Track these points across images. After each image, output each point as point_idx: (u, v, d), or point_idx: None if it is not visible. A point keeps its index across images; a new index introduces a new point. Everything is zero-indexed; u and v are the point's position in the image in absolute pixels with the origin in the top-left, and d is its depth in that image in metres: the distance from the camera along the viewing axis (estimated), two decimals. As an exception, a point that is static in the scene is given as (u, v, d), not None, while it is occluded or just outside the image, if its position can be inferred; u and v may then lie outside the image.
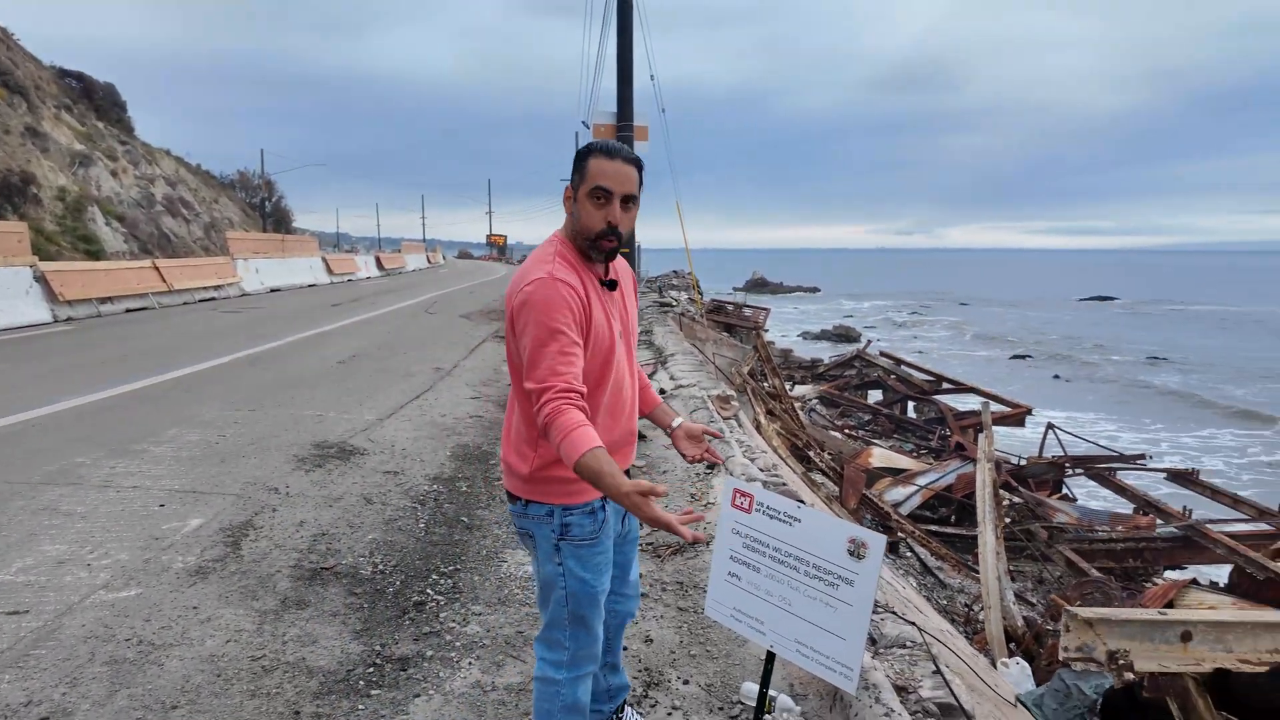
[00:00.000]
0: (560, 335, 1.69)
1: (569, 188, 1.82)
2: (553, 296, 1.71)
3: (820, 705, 2.47)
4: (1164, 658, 2.56)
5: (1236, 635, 2.62)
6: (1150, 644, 2.58)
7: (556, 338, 1.68)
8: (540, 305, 1.71)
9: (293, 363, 9.10)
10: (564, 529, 1.86)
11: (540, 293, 1.72)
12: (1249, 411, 19.98)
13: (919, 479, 10.14)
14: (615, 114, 13.50)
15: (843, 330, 34.00)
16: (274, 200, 44.66)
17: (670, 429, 2.09)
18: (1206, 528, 8.31)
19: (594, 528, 1.88)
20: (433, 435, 5.98)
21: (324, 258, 28.08)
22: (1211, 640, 2.61)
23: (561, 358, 1.68)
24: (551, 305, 1.70)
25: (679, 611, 3.17)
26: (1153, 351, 31.39)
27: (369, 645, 2.86)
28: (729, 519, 2.29)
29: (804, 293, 68.85)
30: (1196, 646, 2.60)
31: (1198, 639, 2.60)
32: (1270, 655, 2.63)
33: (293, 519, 4.10)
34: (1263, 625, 2.64)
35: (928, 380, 16.54)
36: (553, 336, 1.68)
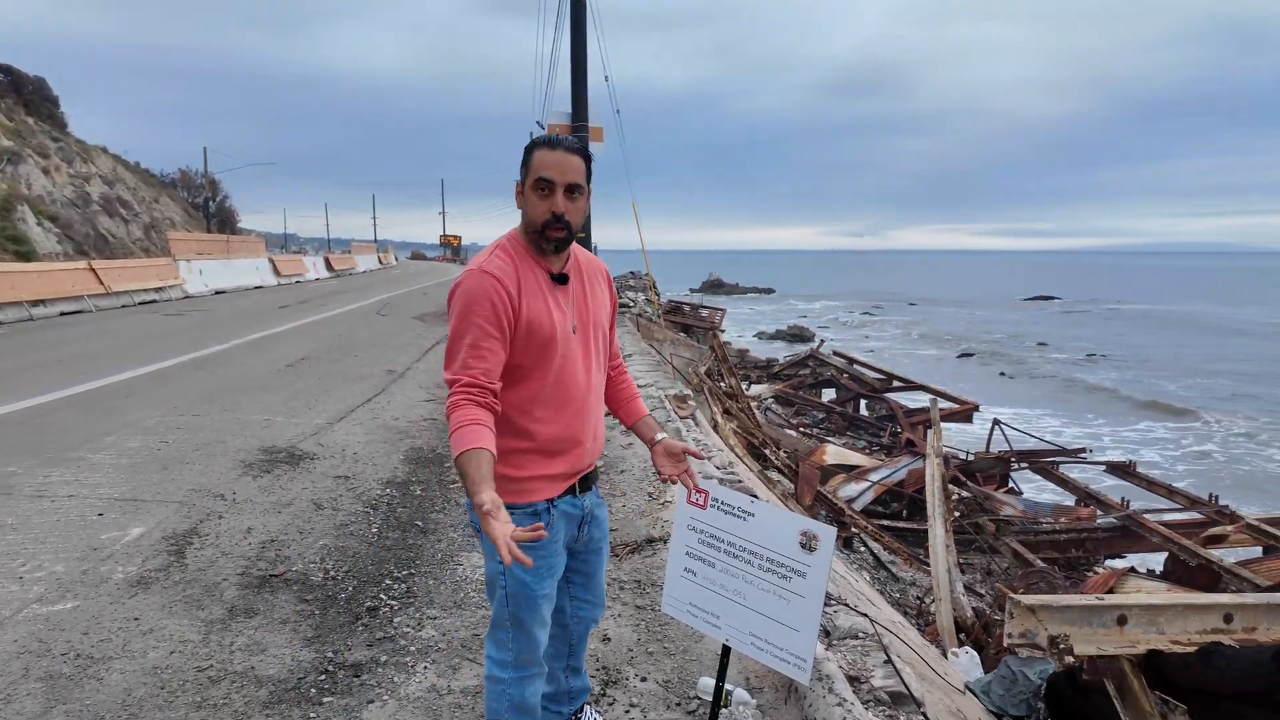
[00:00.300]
0: (474, 329, 1.70)
1: (518, 183, 1.82)
2: (475, 289, 1.72)
3: (776, 698, 2.51)
4: (1101, 641, 2.67)
5: (1168, 617, 2.74)
6: (1089, 628, 2.68)
7: (470, 331, 1.70)
8: (462, 297, 1.73)
9: (239, 366, 8.86)
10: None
11: (464, 284, 1.75)
12: (1180, 406, 20.90)
13: (872, 475, 10.35)
14: (570, 114, 13.45)
15: (797, 330, 34.50)
16: (218, 200, 43.36)
17: (651, 444, 2.06)
18: (1143, 518, 8.67)
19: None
20: (385, 439, 5.89)
21: (271, 259, 27.39)
22: (1145, 623, 2.72)
23: (472, 351, 1.70)
24: (472, 298, 1.72)
25: (637, 610, 3.18)
26: (1091, 349, 32.60)
27: (321, 652, 2.81)
28: (684, 515, 2.31)
29: (759, 294, 69.64)
30: (1131, 629, 2.71)
31: (1132, 622, 2.71)
32: (1199, 635, 2.75)
33: (240, 526, 3.99)
34: (1191, 607, 2.77)
35: (879, 379, 16.89)
36: (467, 330, 1.71)
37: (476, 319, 1.71)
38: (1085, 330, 40.80)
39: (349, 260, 38.24)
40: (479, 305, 1.71)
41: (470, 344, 1.70)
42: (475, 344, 1.70)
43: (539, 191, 1.75)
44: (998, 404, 18.27)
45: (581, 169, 1.78)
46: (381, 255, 50.66)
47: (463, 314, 1.72)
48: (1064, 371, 27.15)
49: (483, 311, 1.71)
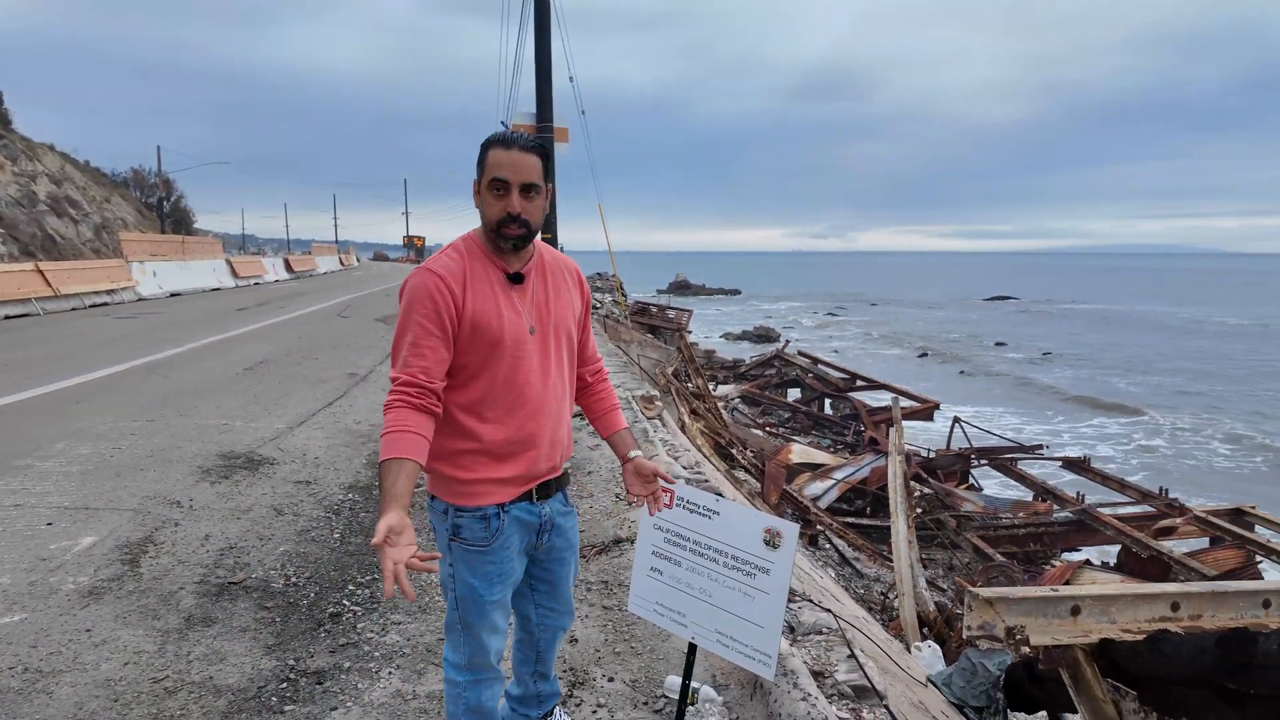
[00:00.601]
0: (415, 326, 1.70)
1: (475, 182, 1.79)
2: (417, 287, 1.72)
3: (741, 694, 2.53)
4: (1056, 631, 2.74)
5: (1119, 607, 2.83)
6: (1044, 619, 2.75)
7: (411, 329, 1.70)
8: (405, 296, 1.73)
9: (195, 370, 8.64)
10: (455, 529, 1.81)
11: (409, 283, 1.74)
12: (1131, 404, 21.57)
13: (836, 473, 10.49)
14: (535, 114, 13.40)
15: (763, 331, 34.83)
16: (173, 200, 42.27)
17: (624, 460, 2.04)
18: (1098, 511, 8.93)
19: (485, 534, 1.80)
20: (347, 443, 5.80)
21: (228, 260, 26.79)
22: (1097, 613, 2.80)
23: (413, 350, 1.69)
24: (414, 297, 1.71)
25: (604, 610, 3.18)
26: (1047, 348, 33.46)
27: (282, 660, 2.75)
28: (650, 515, 2.32)
29: (725, 295, 70.10)
30: (1084, 619, 2.79)
31: (1085, 612, 2.79)
32: (1148, 624, 2.85)
33: (197, 533, 3.89)
34: (1141, 597, 2.86)
35: (843, 378, 17.13)
36: (408, 328, 1.70)
37: (416, 316, 1.70)
38: (1041, 329, 41.86)
39: (309, 261, 37.55)
40: (420, 303, 1.70)
41: (411, 342, 1.69)
42: (415, 342, 1.69)
43: (494, 191, 1.73)
44: (958, 402, 18.65)
45: (538, 167, 1.75)
46: (343, 256, 49.86)
47: (405, 312, 1.72)
48: (1021, 370, 27.83)
49: (423, 309, 1.70)
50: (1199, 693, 2.35)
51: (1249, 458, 16.00)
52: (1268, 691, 2.10)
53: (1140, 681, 2.63)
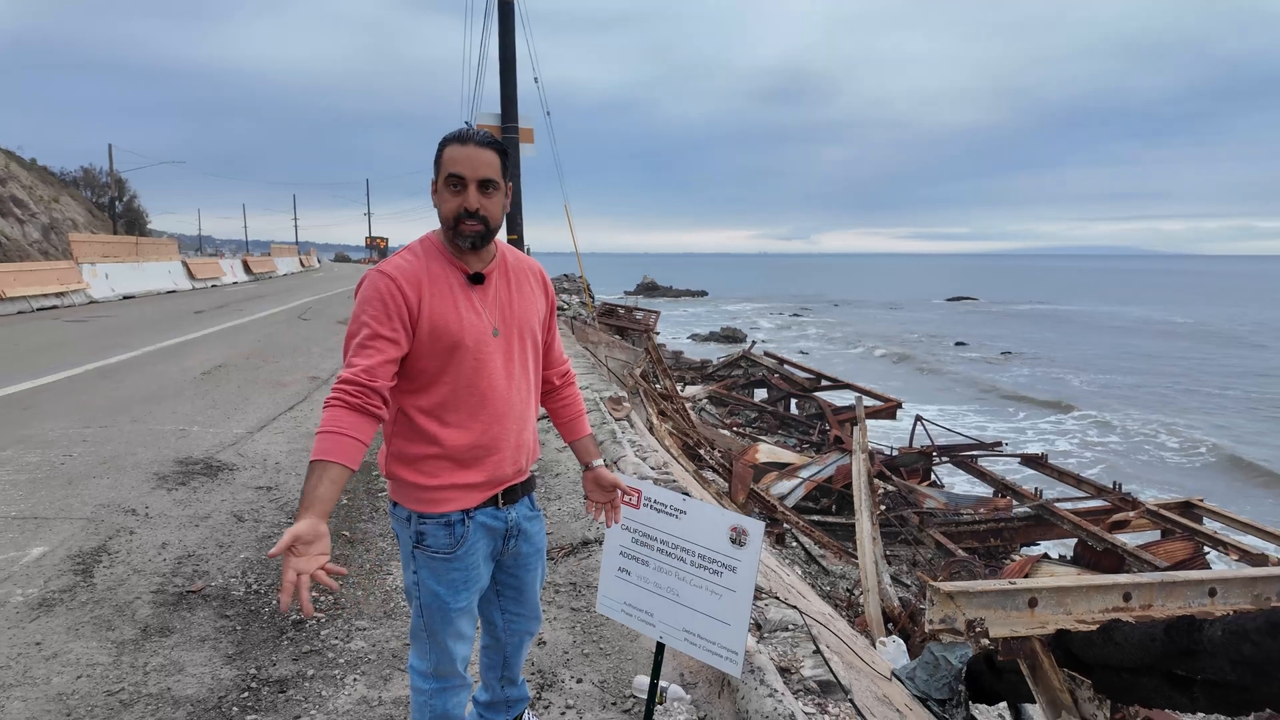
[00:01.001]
0: (363, 327, 1.67)
1: (433, 181, 1.76)
2: (368, 289, 1.69)
3: (710, 691, 2.55)
4: (1014, 623, 2.81)
5: (1074, 598, 2.91)
6: (1003, 611, 2.82)
7: (360, 330, 1.67)
8: (359, 296, 1.71)
9: (150, 374, 8.41)
10: (419, 537, 1.77)
11: (364, 283, 1.71)
12: (1085, 400, 22.19)
13: (802, 472, 10.60)
14: (499, 115, 13.32)
15: (729, 332, 35.05)
16: (125, 200, 41.12)
17: (586, 468, 2.06)
18: (1055, 506, 9.16)
19: (450, 541, 1.77)
20: (309, 448, 5.65)
21: (184, 261, 26.11)
22: (1054, 604, 2.88)
23: (359, 350, 1.65)
24: (365, 297, 1.69)
25: (572, 612, 3.18)
26: (1005, 347, 34.25)
27: (243, 669, 2.70)
28: (608, 526, 2.33)
29: (692, 296, 70.40)
30: (1041, 611, 2.87)
31: (1042, 604, 2.87)
32: (1101, 614, 2.94)
33: (154, 541, 3.79)
34: (1094, 588, 2.95)
35: (808, 378, 17.32)
36: (358, 329, 1.67)
37: (365, 317, 1.67)
38: (999, 329, 42.82)
39: (269, 263, 36.78)
40: (369, 303, 1.68)
41: (358, 343, 1.66)
42: (362, 343, 1.65)
43: (451, 188, 1.70)
44: (920, 401, 19.00)
45: (495, 163, 1.72)
46: (304, 258, 48.95)
47: (355, 313, 1.70)
48: (981, 369, 28.44)
49: (371, 310, 1.67)
50: (1149, 679, 2.43)
51: (1195, 451, 16.57)
52: (1212, 676, 2.19)
53: (1094, 670, 2.72)
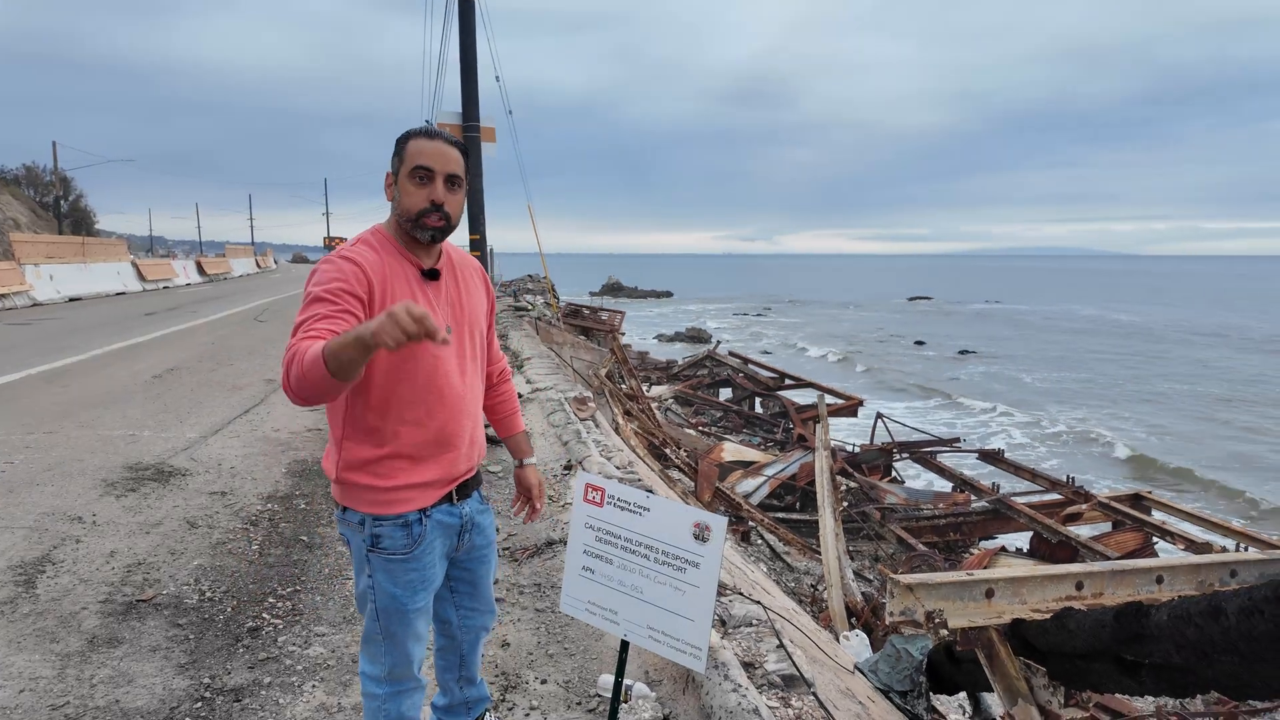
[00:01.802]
0: (323, 300, 1.54)
1: (389, 174, 1.74)
2: (326, 270, 1.61)
3: (675, 688, 2.55)
4: (972, 614, 2.87)
5: (1029, 588, 2.98)
6: (960, 602, 2.88)
7: (319, 303, 1.53)
8: (314, 277, 1.61)
9: (99, 379, 8.14)
10: (374, 540, 1.75)
11: (318, 268, 1.64)
12: (1039, 397, 22.78)
13: (766, 470, 10.69)
14: (460, 114, 13.19)
15: (695, 332, 35.19)
16: (71, 199, 39.79)
17: (519, 464, 2.15)
18: (1012, 500, 9.37)
19: (407, 542, 1.76)
20: (265, 451, 5.57)
21: (134, 262, 25.35)
22: (1010, 594, 2.95)
23: (321, 321, 1.50)
24: (323, 277, 1.59)
25: (536, 613, 3.16)
26: (963, 346, 34.99)
27: (196, 679, 2.62)
28: (581, 514, 2.32)
29: (657, 297, 70.51)
30: (998, 601, 2.93)
31: (998, 594, 2.93)
32: (1054, 603, 3.02)
33: (101, 550, 3.67)
34: (1048, 578, 3.03)
35: (772, 377, 17.47)
36: (315, 301, 1.54)
37: (323, 292, 1.54)
38: (958, 329, 43.73)
39: (223, 264, 35.89)
40: (329, 280, 1.57)
41: (318, 315, 1.51)
42: (325, 315, 1.51)
43: (416, 179, 1.68)
44: (881, 399, 19.31)
45: (461, 162, 1.73)
46: (260, 258, 47.86)
47: (310, 291, 1.57)
48: (940, 368, 29.01)
49: (334, 285, 1.56)
50: (1099, 664, 2.50)
51: (1144, 443, 17.12)
52: (1159, 660, 2.26)
53: (1049, 657, 2.79)
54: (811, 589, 7.20)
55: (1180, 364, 29.35)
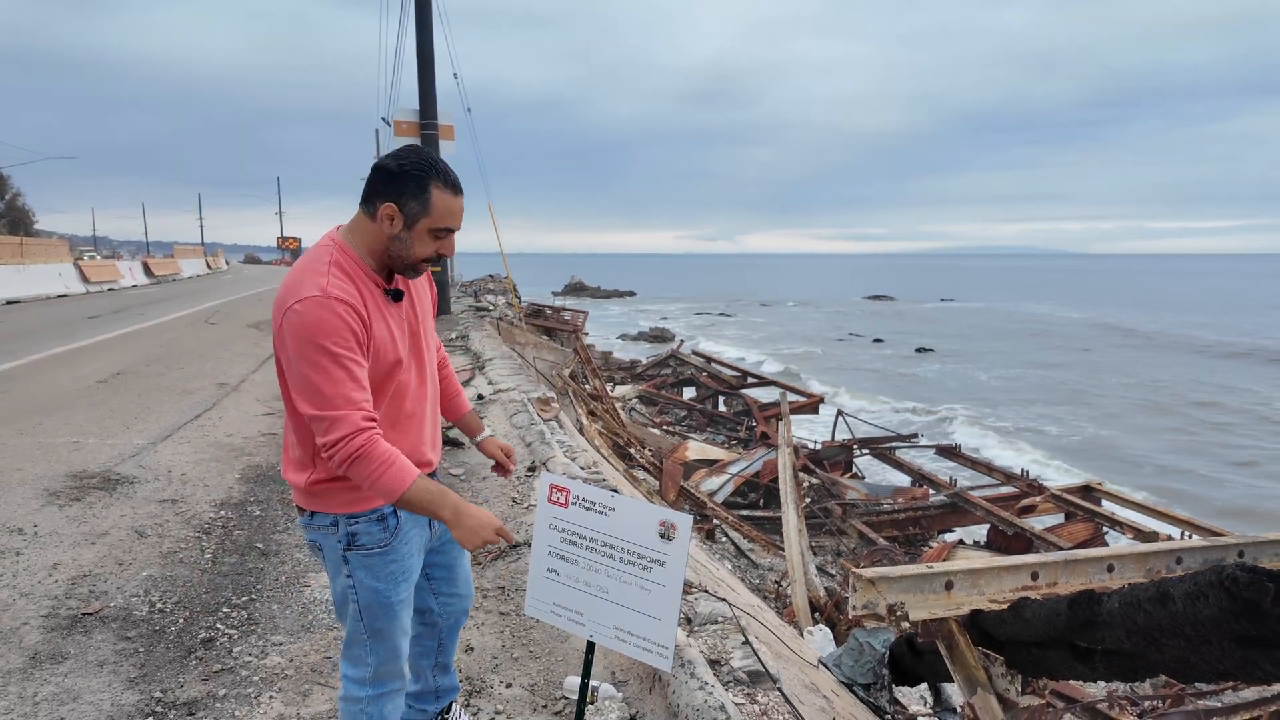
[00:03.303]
0: (345, 360, 1.57)
1: (393, 207, 1.64)
2: (329, 319, 1.56)
3: (641, 688, 2.54)
4: (932, 606, 2.92)
5: (986, 579, 3.05)
6: (921, 594, 2.93)
7: (341, 363, 1.56)
8: (315, 327, 1.55)
9: (39, 384, 7.83)
10: (351, 538, 1.75)
11: (314, 314, 1.56)
12: (992, 393, 23.36)
13: (730, 468, 10.75)
14: (418, 111, 13.00)
15: (658, 332, 35.26)
16: (8, 198, 38.25)
17: (478, 441, 2.16)
18: (969, 494, 9.57)
19: (384, 535, 1.77)
20: (218, 457, 5.41)
21: (77, 264, 24.45)
22: (968, 586, 3.01)
23: (353, 384, 1.58)
24: (330, 329, 1.56)
25: (500, 617, 3.12)
26: (920, 344, 35.69)
27: (146, 693, 2.53)
28: (546, 515, 2.30)
29: (620, 296, 70.47)
30: (957, 593, 2.99)
31: (957, 586, 2.99)
32: (1011, 593, 3.09)
33: (43, 562, 3.52)
34: (1005, 569, 3.10)
35: (735, 376, 17.58)
36: (337, 362, 1.56)
37: (341, 349, 1.57)
38: (915, 327, 44.58)
39: (171, 265, 34.82)
40: (339, 335, 1.57)
41: (346, 376, 1.57)
42: (352, 377, 1.58)
43: (434, 235, 1.68)
44: (841, 396, 19.58)
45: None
46: (210, 259, 46.57)
47: (324, 346, 1.56)
48: (898, 365, 29.54)
49: (345, 342, 1.58)
50: (1054, 651, 2.57)
51: (1096, 434, 17.68)
52: (1111, 645, 2.32)
53: (1006, 646, 2.85)
54: (775, 585, 7.26)
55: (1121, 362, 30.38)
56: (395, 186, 1.63)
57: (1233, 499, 12.97)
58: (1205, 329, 41.06)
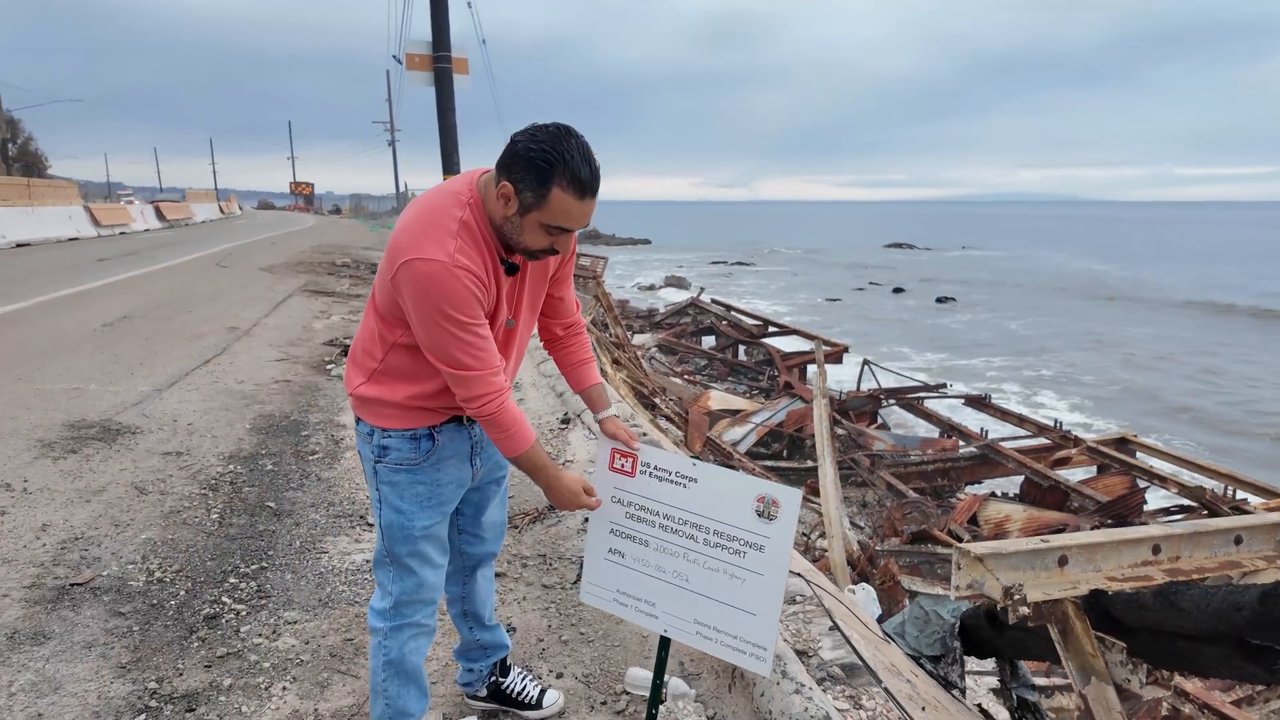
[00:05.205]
0: (472, 327, 1.55)
1: (509, 189, 1.51)
2: (456, 289, 1.50)
3: (717, 685, 2.17)
4: (1045, 585, 2.53)
5: (1103, 554, 2.65)
6: (1032, 572, 2.54)
7: (469, 330, 1.54)
8: (440, 295, 1.50)
9: (42, 327, 7.47)
10: (382, 450, 1.70)
11: (439, 280, 1.50)
12: (1023, 343, 22.77)
13: (753, 418, 10.41)
14: (431, 44, 12.27)
15: (675, 280, 34.63)
16: (19, 142, 37.70)
17: (601, 419, 1.91)
18: (1000, 445, 9.18)
19: (414, 454, 1.70)
20: (227, 406, 5.04)
21: (87, 206, 24.03)
22: (1083, 561, 2.61)
23: (480, 348, 1.56)
24: (457, 299, 1.51)
25: (544, 590, 2.75)
26: (943, 293, 34.87)
27: (140, 683, 2.18)
28: (607, 486, 1.89)
29: (635, 244, 69.41)
30: (1071, 570, 2.59)
31: (1072, 562, 2.59)
32: (1130, 569, 2.69)
33: (31, 523, 3.17)
34: (1124, 542, 2.69)
35: (756, 324, 17.10)
36: (464, 329, 1.53)
37: (467, 316, 1.53)
38: (937, 275, 43.60)
39: (184, 209, 34.32)
40: (467, 305, 1.52)
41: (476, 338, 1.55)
42: (481, 338, 1.56)
43: (547, 230, 1.55)
44: (864, 345, 19.07)
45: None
46: (224, 204, 46.01)
47: (450, 314, 1.51)
48: (921, 314, 28.86)
49: (471, 310, 1.53)
50: (1215, 648, 2.17)
51: (1129, 385, 17.15)
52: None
53: (1137, 634, 2.46)
54: (804, 537, 6.94)
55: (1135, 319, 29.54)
56: (517, 168, 1.50)
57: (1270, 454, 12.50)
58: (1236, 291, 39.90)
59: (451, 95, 12.37)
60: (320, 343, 7.35)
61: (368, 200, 61.89)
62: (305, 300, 10.17)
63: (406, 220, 1.55)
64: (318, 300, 10.29)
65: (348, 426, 4.68)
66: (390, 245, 1.54)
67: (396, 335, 1.62)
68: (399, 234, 1.53)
